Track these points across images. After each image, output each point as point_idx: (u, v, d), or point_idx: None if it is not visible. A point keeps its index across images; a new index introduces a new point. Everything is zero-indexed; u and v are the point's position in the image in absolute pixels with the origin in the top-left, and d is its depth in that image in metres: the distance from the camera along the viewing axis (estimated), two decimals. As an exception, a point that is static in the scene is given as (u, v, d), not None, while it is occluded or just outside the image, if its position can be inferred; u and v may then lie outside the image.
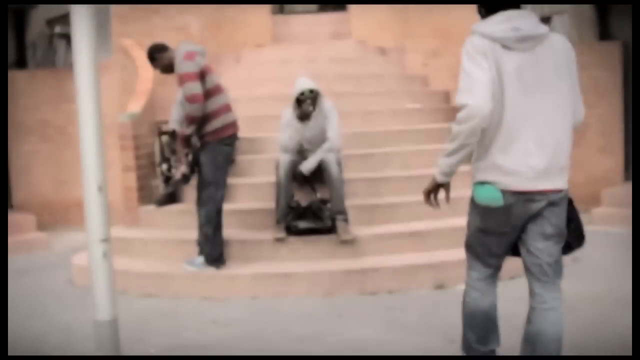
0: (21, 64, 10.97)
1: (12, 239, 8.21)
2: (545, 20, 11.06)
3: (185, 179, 6.31)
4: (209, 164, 5.91)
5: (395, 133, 7.65)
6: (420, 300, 5.60)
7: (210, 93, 5.80)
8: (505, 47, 3.20)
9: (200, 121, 5.78)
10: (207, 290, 5.95)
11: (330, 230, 6.20)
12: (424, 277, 5.87)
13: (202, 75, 5.72)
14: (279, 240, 6.18)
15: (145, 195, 7.31)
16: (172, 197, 7.10)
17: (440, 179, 3.44)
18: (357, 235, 6.17)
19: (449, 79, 8.84)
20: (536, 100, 3.23)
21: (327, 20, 11.13)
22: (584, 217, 3.56)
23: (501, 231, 3.37)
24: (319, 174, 6.43)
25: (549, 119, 3.24)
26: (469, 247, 3.57)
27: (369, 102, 8.31)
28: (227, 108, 5.95)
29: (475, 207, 3.42)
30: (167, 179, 6.98)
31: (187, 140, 5.98)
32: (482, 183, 3.33)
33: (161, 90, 8.01)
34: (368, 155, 7.30)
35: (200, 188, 6.07)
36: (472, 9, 3.55)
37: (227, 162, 6.07)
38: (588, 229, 3.57)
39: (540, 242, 3.33)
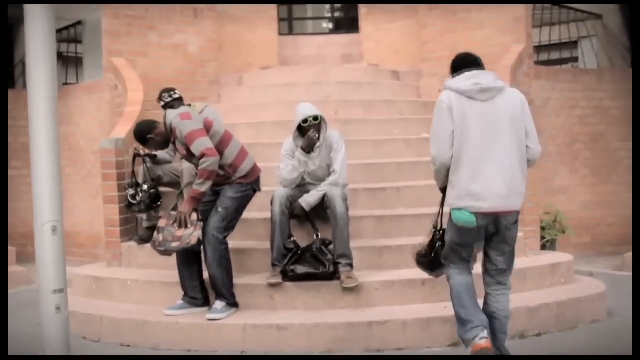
0: (9, 82, 10.46)
1: (-13, 273, 7.63)
2: (573, 44, 10.59)
3: (200, 243, 5.50)
4: (232, 200, 5.53)
5: (408, 165, 7.11)
6: (434, 361, 4.99)
7: (224, 141, 5.54)
8: (470, 98, 4.27)
9: (224, 173, 5.52)
10: (190, 342, 5.35)
11: (332, 276, 5.62)
12: (438, 333, 5.27)
13: (207, 130, 5.43)
14: (273, 285, 5.61)
15: (129, 230, 6.76)
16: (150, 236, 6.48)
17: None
18: (362, 282, 5.58)
19: None
20: (496, 140, 4.23)
21: (338, 42, 10.69)
22: (614, 261, 4.35)
23: (472, 244, 4.45)
24: (322, 211, 5.92)
25: (506, 154, 4.24)
26: (446, 257, 4.60)
27: (380, 130, 7.78)
28: (244, 149, 5.69)
29: (453, 227, 4.40)
30: (130, 205, 6.36)
31: (198, 200, 5.38)
32: (459, 209, 4.29)
33: (151, 115, 7.46)
34: (378, 190, 6.74)
35: (206, 222, 5.51)
36: (492, 30, 4.76)
37: (244, 207, 5.68)
38: (620, 275, 3.29)
39: (500, 255, 4.47)
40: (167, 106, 6.69)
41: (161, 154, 6.60)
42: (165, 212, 5.83)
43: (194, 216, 5.38)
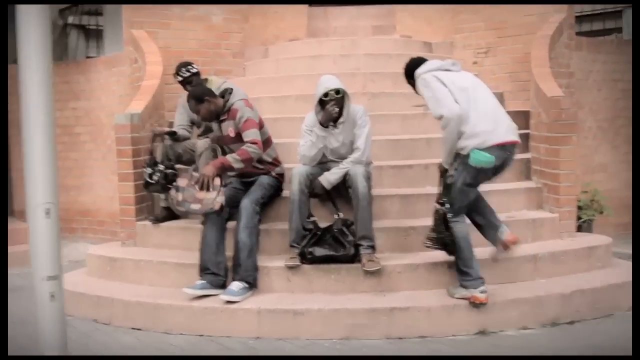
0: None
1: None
2: (617, 13, 10.18)
3: (222, 209, 5.53)
4: (269, 185, 5.86)
5: (437, 141, 6.60)
6: (459, 348, 4.77)
7: (267, 142, 5.96)
8: (446, 70, 5.19)
9: (264, 167, 5.91)
10: (203, 327, 5.20)
11: (353, 258, 5.40)
12: (464, 320, 5.04)
13: (260, 125, 5.88)
14: (290, 268, 5.42)
15: (145, 208, 6.62)
16: (172, 213, 6.36)
17: (446, 166, 5.18)
18: (384, 265, 5.35)
19: (503, 79, 8.20)
20: (478, 94, 5.08)
21: (370, 13, 10.29)
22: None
23: (481, 183, 5.14)
24: (344, 190, 5.70)
25: (491, 101, 5.14)
26: (455, 203, 5.10)
27: (409, 104, 7.34)
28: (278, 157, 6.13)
29: (469, 169, 4.97)
30: (147, 185, 6.16)
31: (225, 169, 5.62)
32: (478, 150, 4.88)
33: (171, 89, 7.39)
34: (405, 167, 6.49)
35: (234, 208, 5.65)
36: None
37: (272, 199, 5.98)
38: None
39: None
40: (185, 82, 6.52)
41: (181, 130, 6.47)
42: (185, 172, 5.81)
43: (217, 181, 5.47)
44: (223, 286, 5.41)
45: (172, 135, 6.37)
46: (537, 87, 6.59)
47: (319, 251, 5.41)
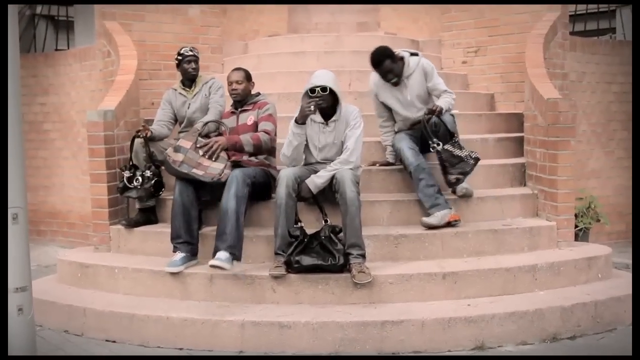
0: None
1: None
2: (611, 13, 10.10)
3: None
4: (260, 172, 5.78)
5: None
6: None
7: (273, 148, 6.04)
8: None
9: (258, 161, 5.94)
10: (182, 340, 4.98)
11: (342, 268, 5.23)
12: (461, 334, 4.86)
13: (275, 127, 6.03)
14: (275, 277, 5.22)
15: (120, 211, 6.37)
16: (148, 216, 6.17)
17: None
18: (375, 275, 5.17)
19: (493, 79, 8.13)
20: None
21: (354, 8, 10.22)
22: None
23: None
24: (331, 194, 5.53)
25: None
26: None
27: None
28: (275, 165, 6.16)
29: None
30: (125, 189, 6.03)
31: (236, 148, 5.72)
32: None
33: (147, 85, 7.22)
34: (394, 170, 6.33)
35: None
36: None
37: (263, 190, 5.88)
38: None
39: None
40: (184, 62, 6.42)
41: (158, 129, 6.25)
42: (191, 134, 5.73)
43: (225, 154, 5.57)
44: (196, 254, 5.56)
45: (152, 139, 6.11)
46: (533, 88, 6.45)
47: (307, 260, 5.22)
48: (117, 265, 5.74)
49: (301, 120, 5.50)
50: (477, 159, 5.84)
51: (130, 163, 6.09)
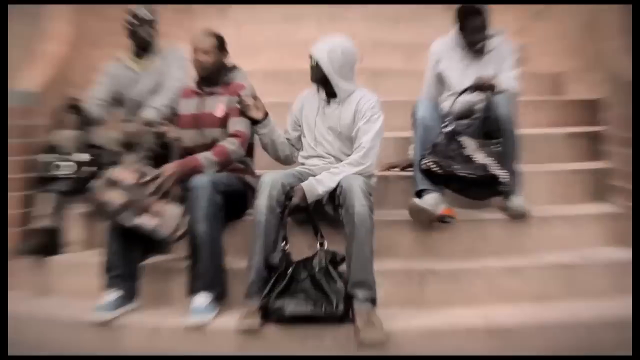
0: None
1: None
2: None
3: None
4: (234, 177, 5.37)
5: None
6: None
7: (250, 148, 5.86)
8: None
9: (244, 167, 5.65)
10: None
11: (343, 318, 4.61)
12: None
13: None
14: (246, 332, 4.62)
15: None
16: (50, 243, 5.64)
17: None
18: (391, 330, 4.56)
19: (559, 53, 7.96)
20: None
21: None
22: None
23: None
24: (331, 209, 5.08)
25: None
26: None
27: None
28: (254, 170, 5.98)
29: None
30: (46, 180, 5.65)
31: (194, 173, 5.17)
32: None
33: (82, 58, 6.81)
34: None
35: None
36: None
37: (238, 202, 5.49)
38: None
39: None
40: (136, 24, 6.27)
41: (95, 106, 6.08)
42: (128, 160, 5.41)
43: (177, 190, 5.08)
44: (136, 293, 5.10)
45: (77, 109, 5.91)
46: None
47: (291, 305, 4.61)
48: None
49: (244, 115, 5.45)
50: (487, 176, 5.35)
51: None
